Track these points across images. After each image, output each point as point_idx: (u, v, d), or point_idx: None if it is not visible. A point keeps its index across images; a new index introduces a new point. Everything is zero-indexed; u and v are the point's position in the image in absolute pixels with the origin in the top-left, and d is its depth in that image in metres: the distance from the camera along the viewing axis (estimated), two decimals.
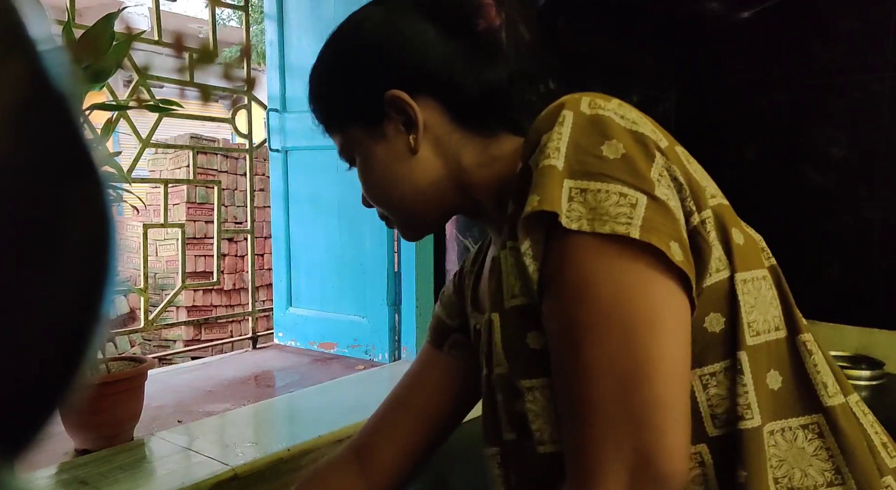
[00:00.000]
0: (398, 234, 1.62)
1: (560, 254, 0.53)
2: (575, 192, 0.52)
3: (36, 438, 0.22)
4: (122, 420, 1.09)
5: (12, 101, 0.19)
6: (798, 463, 0.56)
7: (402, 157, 0.69)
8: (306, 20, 1.73)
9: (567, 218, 0.52)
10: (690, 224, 0.54)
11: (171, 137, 4.44)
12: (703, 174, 0.59)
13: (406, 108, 0.67)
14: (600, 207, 0.51)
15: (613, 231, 0.51)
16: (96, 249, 0.22)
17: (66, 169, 0.21)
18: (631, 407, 0.50)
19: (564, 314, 0.53)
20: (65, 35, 1.08)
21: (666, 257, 0.51)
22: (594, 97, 0.57)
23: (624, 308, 0.51)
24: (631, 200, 0.52)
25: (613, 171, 0.52)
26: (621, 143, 0.53)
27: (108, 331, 0.67)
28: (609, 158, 0.53)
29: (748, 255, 0.58)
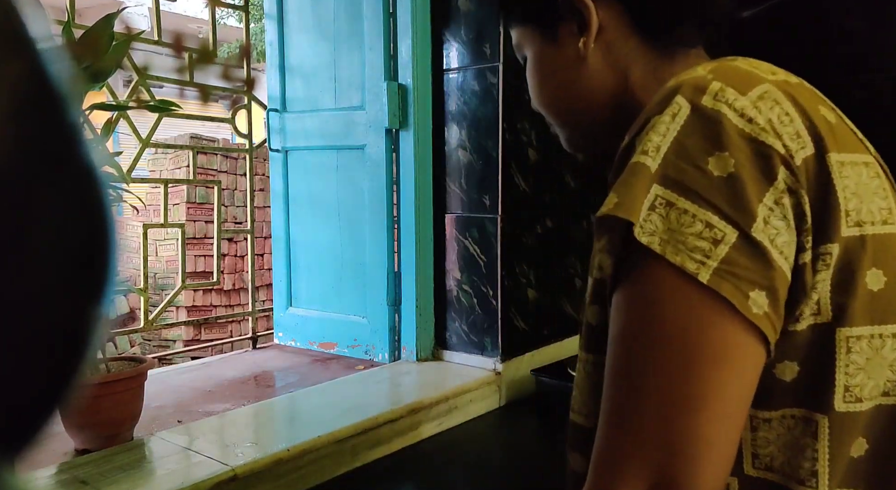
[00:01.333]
0: (398, 234, 1.63)
1: (634, 260, 0.48)
2: (660, 202, 0.46)
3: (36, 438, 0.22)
4: (122, 420, 1.09)
5: (11, 100, 0.19)
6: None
7: (571, 64, 0.64)
8: (306, 20, 1.73)
9: (641, 228, 0.46)
10: (800, 260, 0.46)
11: (171, 137, 4.44)
12: (865, 188, 0.49)
13: (580, 6, 0.61)
14: (680, 232, 0.45)
15: (682, 266, 0.45)
16: (96, 249, 0.22)
17: (65, 169, 0.21)
18: (669, 433, 0.46)
19: (628, 323, 0.49)
20: (65, 35, 1.08)
21: None
22: (726, 85, 0.48)
23: (690, 338, 0.46)
24: (717, 234, 0.45)
25: (710, 193, 0.45)
26: (733, 159, 0.45)
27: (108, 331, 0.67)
28: (712, 175, 0.45)
29: (881, 305, 0.47)
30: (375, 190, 1.63)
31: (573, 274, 1.78)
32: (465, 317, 1.60)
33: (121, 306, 4.46)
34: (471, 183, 1.57)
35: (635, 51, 0.62)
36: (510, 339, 1.56)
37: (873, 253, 0.47)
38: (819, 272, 0.46)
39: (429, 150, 1.61)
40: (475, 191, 1.56)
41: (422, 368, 1.57)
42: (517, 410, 1.52)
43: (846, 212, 0.47)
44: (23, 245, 0.19)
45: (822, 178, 0.47)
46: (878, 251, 0.47)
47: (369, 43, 1.60)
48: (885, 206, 0.49)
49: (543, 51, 0.66)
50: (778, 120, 0.47)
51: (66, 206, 0.21)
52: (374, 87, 1.61)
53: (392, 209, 1.63)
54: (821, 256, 0.46)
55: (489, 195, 1.54)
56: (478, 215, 1.57)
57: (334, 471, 1.16)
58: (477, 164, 1.56)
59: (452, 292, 1.62)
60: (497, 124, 1.52)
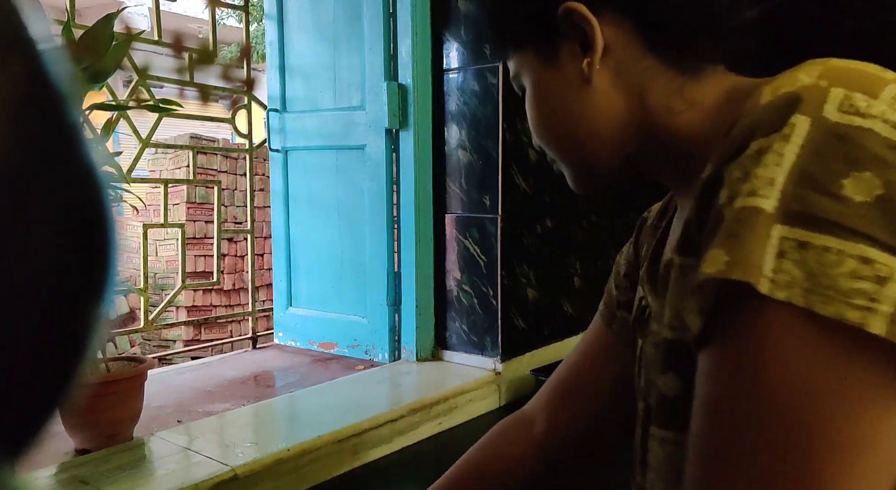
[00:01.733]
0: (398, 234, 1.63)
1: (748, 320, 0.38)
2: (790, 246, 0.36)
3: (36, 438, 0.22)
4: (122, 420, 1.09)
5: (11, 100, 0.19)
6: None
7: (575, 88, 0.55)
8: (306, 20, 1.73)
9: (772, 283, 0.36)
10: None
11: (171, 137, 4.44)
12: None
13: (583, 24, 0.53)
14: (825, 276, 0.36)
15: (840, 316, 0.35)
16: (96, 250, 0.22)
17: (65, 169, 0.21)
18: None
19: (727, 394, 0.39)
20: (64, 35, 1.08)
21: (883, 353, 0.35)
22: (851, 90, 0.39)
23: (819, 420, 0.36)
24: (880, 271, 0.35)
25: (856, 222, 0.36)
26: (879, 179, 0.36)
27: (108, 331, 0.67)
28: (853, 201, 0.36)
29: None
30: (375, 190, 1.63)
31: (573, 274, 1.78)
32: (465, 317, 1.60)
33: (121, 306, 4.46)
34: (471, 183, 1.57)
35: (650, 71, 0.53)
36: (510, 339, 1.56)
37: None
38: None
39: (429, 150, 1.61)
40: (475, 191, 1.57)
41: (422, 368, 1.57)
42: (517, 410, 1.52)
43: None
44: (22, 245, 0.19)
45: None
46: None
47: (369, 43, 1.60)
48: None
49: (543, 77, 0.58)
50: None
51: (66, 206, 0.21)
52: (374, 87, 1.61)
53: (392, 209, 1.63)
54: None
55: (489, 195, 1.54)
56: (478, 215, 1.57)
57: (335, 470, 1.16)
58: (477, 164, 1.56)
59: (452, 292, 1.62)
60: (497, 124, 1.52)
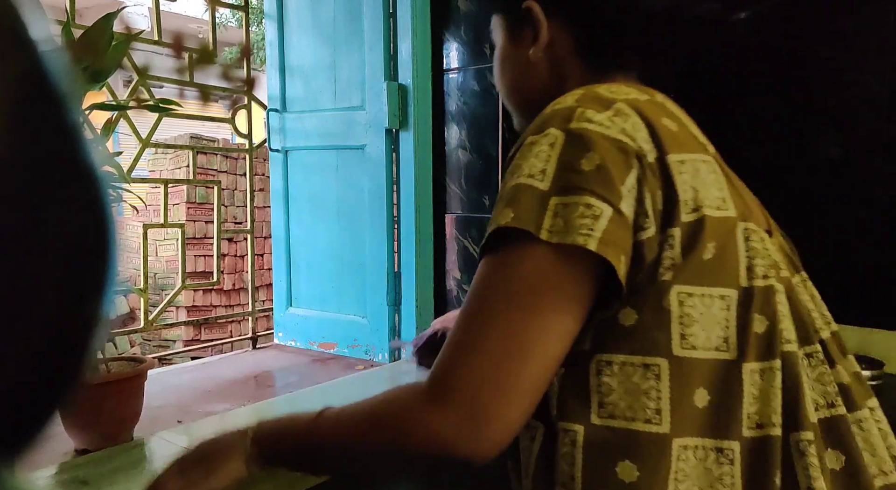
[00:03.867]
0: (398, 234, 1.63)
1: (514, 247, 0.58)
2: (560, 207, 0.56)
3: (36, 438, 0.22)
4: (122, 420, 1.09)
5: (11, 100, 0.19)
6: (701, 482, 0.56)
7: (523, 63, 0.75)
8: (306, 20, 1.73)
9: (549, 232, 0.56)
10: (639, 238, 0.57)
11: (171, 137, 4.44)
12: (703, 181, 0.60)
13: (536, 22, 0.72)
14: (569, 220, 0.56)
15: (572, 242, 0.55)
16: (96, 250, 0.22)
17: (65, 169, 0.21)
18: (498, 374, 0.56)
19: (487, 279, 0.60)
20: (64, 35, 1.08)
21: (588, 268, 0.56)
22: (587, 108, 0.60)
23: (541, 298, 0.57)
24: (595, 211, 0.55)
25: (586, 183, 0.56)
26: (597, 154, 0.57)
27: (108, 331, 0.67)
28: (585, 171, 0.57)
29: (711, 271, 0.59)
30: (375, 190, 1.63)
31: None
32: None
33: (121, 306, 4.46)
34: (471, 183, 1.57)
35: (574, 67, 0.73)
36: None
37: (710, 231, 0.58)
38: (666, 250, 0.57)
39: (429, 150, 1.61)
40: (475, 191, 1.56)
41: (422, 368, 1.56)
42: None
43: (685, 202, 0.58)
44: (22, 245, 0.19)
45: (665, 176, 0.59)
46: (713, 230, 0.59)
47: (369, 43, 1.60)
48: (720, 196, 0.61)
49: (506, 46, 0.77)
50: (631, 128, 0.59)
51: (66, 206, 0.21)
52: (374, 87, 1.61)
53: (392, 209, 1.63)
54: (668, 238, 0.58)
55: (489, 195, 1.54)
56: (478, 215, 1.57)
57: None
58: (477, 164, 1.56)
59: (452, 292, 1.62)
60: (497, 124, 1.52)
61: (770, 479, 0.56)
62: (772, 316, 0.59)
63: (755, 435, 0.57)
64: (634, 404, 0.57)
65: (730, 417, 0.57)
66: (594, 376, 0.59)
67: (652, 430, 0.56)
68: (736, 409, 0.57)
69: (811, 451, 0.56)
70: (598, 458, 0.58)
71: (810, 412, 0.58)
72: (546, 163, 0.58)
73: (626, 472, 0.56)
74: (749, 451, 0.56)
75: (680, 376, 0.57)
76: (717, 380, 0.57)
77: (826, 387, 0.62)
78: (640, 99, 0.64)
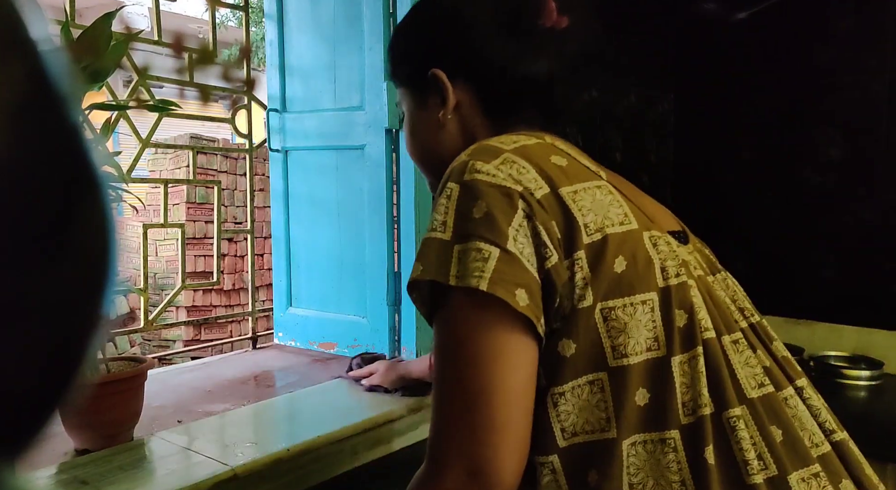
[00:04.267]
0: (398, 234, 1.63)
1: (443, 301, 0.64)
2: (461, 254, 0.62)
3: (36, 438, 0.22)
4: (122, 420, 1.09)
5: (11, 101, 0.19)
6: (653, 473, 0.62)
7: (434, 128, 0.80)
8: (306, 20, 1.73)
9: (456, 278, 0.61)
10: (545, 267, 0.62)
11: (171, 137, 4.44)
12: (599, 204, 0.66)
13: (443, 87, 0.77)
14: (466, 265, 0.61)
15: (468, 285, 0.60)
16: (96, 250, 0.22)
17: (66, 169, 0.21)
18: (473, 426, 0.61)
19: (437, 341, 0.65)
20: (63, 35, 1.08)
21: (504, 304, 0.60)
22: (476, 160, 0.65)
23: (475, 341, 0.62)
24: (485, 254, 0.61)
25: (477, 230, 0.62)
26: (484, 202, 0.63)
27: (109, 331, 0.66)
28: (475, 217, 0.62)
29: (627, 281, 0.64)
30: (375, 190, 1.63)
31: None
32: None
33: (121, 306, 4.46)
34: None
35: (481, 126, 0.79)
36: None
37: (615, 246, 0.64)
38: (577, 273, 0.63)
39: None
40: None
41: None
42: None
43: (585, 225, 0.64)
44: (21, 246, 0.19)
45: (561, 207, 0.64)
46: (618, 244, 0.64)
47: (369, 43, 1.60)
48: (621, 212, 0.67)
49: (415, 113, 0.82)
50: (516, 173, 0.65)
51: (66, 206, 0.21)
52: (374, 87, 1.61)
53: (392, 209, 1.63)
54: (575, 261, 0.63)
55: None
56: None
57: (334, 471, 1.16)
58: None
59: None
60: None
61: (701, 456, 0.61)
62: (689, 309, 0.65)
63: (691, 420, 0.63)
64: (590, 417, 0.63)
65: (666, 409, 0.63)
66: (552, 409, 0.64)
67: (604, 437, 0.63)
68: (671, 401, 0.63)
69: (740, 425, 0.63)
70: (575, 474, 0.64)
71: (740, 391, 0.65)
72: (446, 215, 0.64)
73: (592, 479, 0.63)
74: (688, 436, 0.62)
75: (618, 384, 0.63)
76: (653, 377, 0.63)
77: (753, 369, 0.68)
78: (529, 144, 0.69)
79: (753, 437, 0.63)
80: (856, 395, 1.73)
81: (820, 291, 2.01)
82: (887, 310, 1.92)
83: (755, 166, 2.16)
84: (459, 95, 0.78)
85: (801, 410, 0.69)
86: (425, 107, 0.80)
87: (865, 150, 1.95)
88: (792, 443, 0.65)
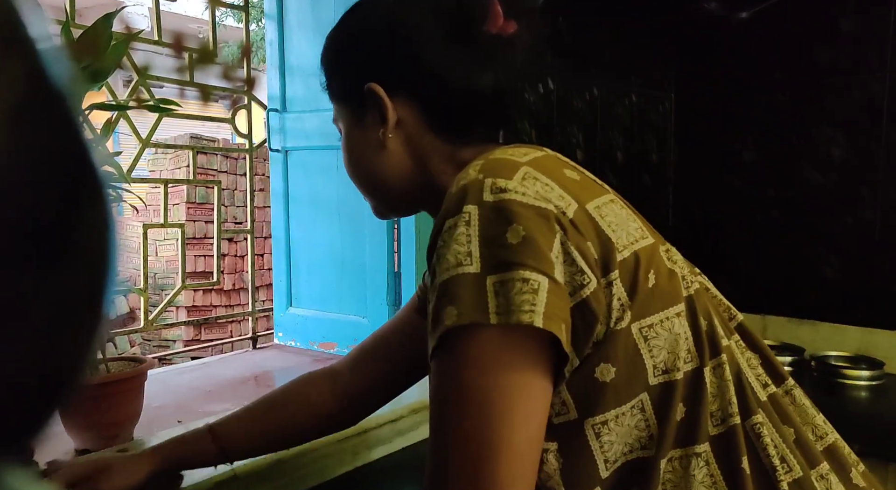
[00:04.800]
0: (398, 234, 1.63)
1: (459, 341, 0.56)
2: (498, 286, 0.54)
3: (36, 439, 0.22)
4: (122, 420, 1.09)
5: (11, 101, 0.19)
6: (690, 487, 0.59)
7: (374, 148, 0.72)
8: (306, 20, 1.73)
9: (496, 315, 0.54)
10: (581, 296, 0.57)
11: (171, 137, 4.44)
12: (620, 218, 0.62)
13: (381, 103, 0.69)
14: (508, 297, 0.54)
15: (519, 321, 0.53)
16: (97, 250, 0.22)
17: (66, 169, 0.21)
18: (477, 481, 0.54)
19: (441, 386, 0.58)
20: (63, 35, 1.08)
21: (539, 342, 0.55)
22: (496, 178, 0.58)
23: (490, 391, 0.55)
24: (533, 285, 0.54)
25: (515, 257, 0.54)
26: (521, 226, 0.55)
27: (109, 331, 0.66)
28: (512, 244, 0.55)
29: (659, 296, 0.60)
30: None
31: None
32: None
33: (121, 306, 4.46)
34: None
35: (432, 145, 0.71)
36: None
37: (645, 262, 0.60)
38: (614, 294, 0.58)
39: None
40: None
41: None
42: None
43: (617, 241, 0.59)
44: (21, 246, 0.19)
45: (593, 224, 0.59)
46: (647, 260, 0.60)
47: None
48: (637, 227, 0.63)
49: (353, 132, 0.75)
50: (543, 190, 0.58)
51: (66, 207, 0.21)
52: None
53: None
54: (612, 282, 0.58)
55: None
56: None
57: (334, 471, 1.16)
58: None
59: None
60: None
61: (738, 467, 0.59)
62: (707, 315, 0.63)
63: (720, 431, 0.60)
64: (629, 440, 0.60)
65: (698, 423, 0.60)
66: (594, 440, 0.59)
67: (644, 455, 0.60)
68: (702, 414, 0.60)
69: (764, 431, 0.61)
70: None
71: (755, 395, 0.63)
72: (468, 244, 0.56)
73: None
74: (719, 447, 0.60)
75: (661, 402, 0.59)
76: (691, 390, 0.60)
77: (755, 369, 0.66)
78: (539, 156, 0.63)
79: (774, 441, 0.61)
80: (857, 396, 1.73)
81: (821, 291, 2.01)
82: (888, 310, 1.92)
83: (756, 166, 2.16)
84: (401, 112, 0.70)
85: (801, 403, 0.69)
86: (363, 125, 0.72)
87: (866, 150, 1.95)
88: (802, 441, 0.64)
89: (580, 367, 0.59)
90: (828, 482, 0.63)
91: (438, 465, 0.57)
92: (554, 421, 0.60)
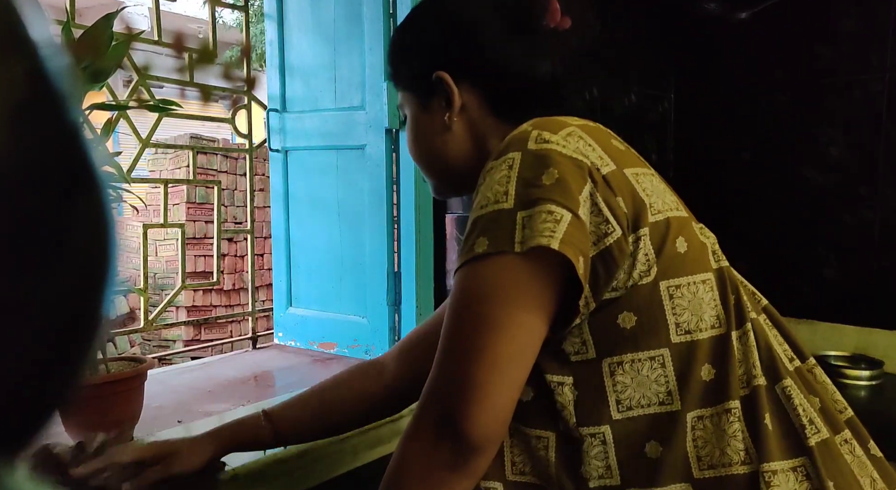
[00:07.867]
0: (398, 234, 1.63)
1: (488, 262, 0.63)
2: (525, 220, 0.61)
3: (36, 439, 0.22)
4: (122, 420, 1.09)
5: (11, 101, 0.19)
6: (720, 443, 0.64)
7: (439, 130, 0.79)
8: (306, 20, 1.73)
9: (519, 244, 0.60)
10: (605, 243, 0.63)
11: (171, 137, 4.44)
12: (657, 189, 0.68)
13: (448, 89, 0.77)
14: (533, 227, 0.60)
15: (537, 244, 0.59)
16: (97, 250, 0.22)
17: (66, 169, 0.21)
18: (454, 378, 0.62)
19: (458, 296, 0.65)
20: (64, 35, 1.08)
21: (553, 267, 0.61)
22: (543, 130, 0.65)
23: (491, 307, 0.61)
24: (556, 217, 0.60)
25: (548, 194, 0.61)
26: (556, 170, 0.62)
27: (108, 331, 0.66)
28: (546, 184, 0.62)
29: (689, 262, 0.66)
30: (375, 190, 1.63)
31: None
32: None
33: (121, 306, 4.46)
34: None
35: (492, 126, 0.78)
36: None
37: (676, 229, 0.66)
38: (640, 249, 0.63)
39: None
40: None
41: None
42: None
43: (650, 205, 0.65)
44: (21, 246, 0.19)
45: (628, 185, 0.65)
46: (678, 227, 0.66)
47: (369, 44, 1.60)
48: (673, 200, 0.70)
49: (419, 116, 0.81)
50: (583, 147, 0.65)
51: (66, 207, 0.21)
52: (374, 87, 1.61)
53: (392, 209, 1.63)
54: (641, 237, 0.64)
55: None
56: None
57: (334, 471, 1.16)
58: None
59: None
60: None
61: (761, 423, 0.64)
62: (735, 290, 0.68)
63: (746, 392, 0.65)
64: (647, 393, 0.64)
65: (728, 383, 0.65)
66: (608, 378, 0.65)
67: (666, 410, 0.64)
68: (732, 374, 0.65)
69: (794, 394, 0.66)
70: (628, 447, 0.65)
71: (783, 364, 0.68)
72: (507, 184, 0.63)
73: (652, 450, 0.64)
74: (745, 406, 0.64)
75: (683, 360, 0.64)
76: (718, 353, 0.65)
77: (782, 345, 0.71)
78: (589, 124, 0.70)
79: (802, 405, 0.65)
80: (856, 395, 1.73)
81: (820, 291, 2.01)
82: (887, 309, 1.92)
83: (756, 166, 2.16)
84: (465, 97, 0.78)
85: (822, 380, 0.73)
86: (429, 110, 0.80)
87: (866, 150, 1.95)
88: (827, 409, 0.69)
89: (604, 313, 0.64)
90: (851, 446, 0.68)
91: (437, 364, 0.64)
92: (572, 358, 0.66)
